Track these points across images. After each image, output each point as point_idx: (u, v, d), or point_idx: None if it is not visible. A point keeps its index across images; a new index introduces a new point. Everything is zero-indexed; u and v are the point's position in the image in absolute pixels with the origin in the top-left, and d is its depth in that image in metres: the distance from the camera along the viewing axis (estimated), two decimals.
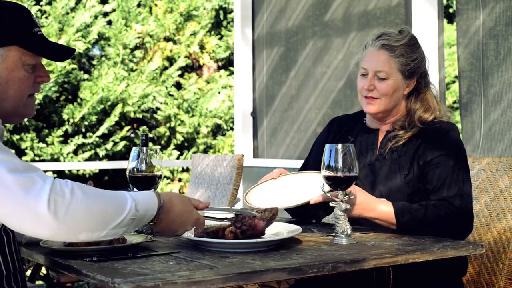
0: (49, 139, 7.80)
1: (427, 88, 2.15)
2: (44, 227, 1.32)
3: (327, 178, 1.71)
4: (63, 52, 1.66)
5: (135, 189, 1.86)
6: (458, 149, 2.03)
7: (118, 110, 8.16)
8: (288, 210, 2.23)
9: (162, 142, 8.85)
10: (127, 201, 1.41)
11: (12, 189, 1.31)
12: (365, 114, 2.22)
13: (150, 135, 8.77)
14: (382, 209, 1.89)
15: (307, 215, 2.20)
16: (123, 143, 8.31)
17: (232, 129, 9.24)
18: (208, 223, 1.77)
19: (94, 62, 8.46)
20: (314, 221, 2.25)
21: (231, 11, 9.62)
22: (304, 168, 2.31)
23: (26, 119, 7.55)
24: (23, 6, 1.61)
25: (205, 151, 9.08)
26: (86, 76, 8.28)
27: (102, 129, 8.07)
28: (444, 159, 1.98)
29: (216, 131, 9.41)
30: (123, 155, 8.31)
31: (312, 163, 2.26)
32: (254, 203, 2.00)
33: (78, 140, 7.90)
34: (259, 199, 2.02)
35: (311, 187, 1.94)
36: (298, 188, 2.00)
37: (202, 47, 9.45)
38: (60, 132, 7.85)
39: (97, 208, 1.36)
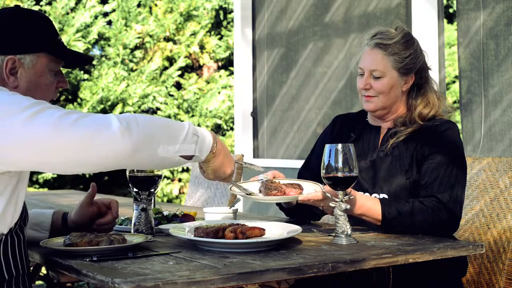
0: None
1: (427, 83, 2.14)
2: (124, 143, 1.37)
3: (327, 179, 1.71)
4: (82, 59, 1.78)
5: (135, 189, 1.86)
6: (455, 147, 2.03)
7: (118, 110, 8.16)
8: (284, 211, 2.23)
9: None
10: (183, 122, 1.53)
11: (82, 126, 1.34)
12: (367, 112, 2.23)
13: None
14: (370, 206, 1.89)
15: (303, 214, 2.20)
16: None
17: (232, 129, 9.24)
18: (209, 222, 1.77)
19: (94, 62, 8.46)
20: (311, 221, 2.24)
21: (231, 11, 9.62)
22: (306, 165, 2.31)
23: None
24: (46, 15, 1.69)
25: None
26: (86, 76, 8.28)
27: None
28: (439, 156, 1.98)
29: (216, 131, 9.41)
30: None
31: (315, 159, 2.26)
32: (238, 191, 1.98)
33: None
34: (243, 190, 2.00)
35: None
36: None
37: (202, 47, 9.45)
38: None
39: (161, 123, 1.47)
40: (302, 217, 2.21)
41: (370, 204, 1.89)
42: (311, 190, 1.91)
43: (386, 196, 2.02)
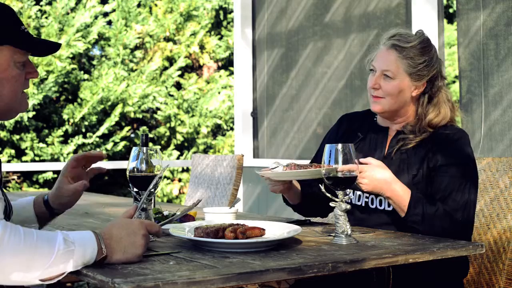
0: (49, 139, 7.80)
1: (439, 92, 2.12)
2: None
3: (327, 178, 1.71)
4: (49, 47, 1.68)
5: (135, 189, 1.86)
6: (468, 159, 2.02)
7: (118, 110, 8.16)
8: (294, 207, 2.23)
9: (162, 142, 8.85)
10: (57, 235, 1.36)
11: None
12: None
13: (150, 135, 8.77)
14: (400, 194, 1.91)
15: (311, 209, 2.21)
16: (123, 143, 8.32)
17: (232, 129, 9.24)
18: (209, 222, 1.77)
19: (94, 62, 8.47)
20: (320, 217, 2.26)
21: (231, 11, 9.62)
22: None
23: (26, 119, 7.55)
24: (8, 6, 1.62)
25: (205, 151, 9.08)
26: (86, 76, 8.28)
27: (102, 129, 8.07)
28: (453, 169, 1.97)
29: (216, 131, 9.41)
30: (123, 155, 8.31)
31: (320, 159, 2.27)
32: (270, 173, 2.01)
33: (78, 140, 7.90)
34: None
35: None
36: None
37: (202, 47, 9.45)
38: (60, 132, 7.85)
39: (25, 245, 1.30)
40: (310, 213, 2.23)
41: (401, 192, 1.91)
42: None
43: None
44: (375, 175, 1.88)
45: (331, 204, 1.73)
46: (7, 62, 1.56)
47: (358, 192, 2.10)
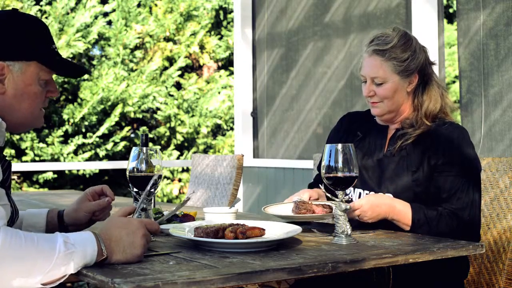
0: (49, 139, 7.80)
1: (430, 80, 2.13)
2: None
3: (327, 179, 1.71)
4: (75, 70, 1.72)
5: (135, 189, 1.86)
6: (470, 157, 2.02)
7: (118, 110, 8.16)
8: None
9: (162, 142, 8.85)
10: (56, 237, 1.35)
11: None
12: None
13: (150, 135, 8.77)
14: (400, 209, 1.93)
15: None
16: (123, 143, 8.32)
17: (232, 129, 9.24)
18: (209, 222, 1.77)
19: (94, 62, 8.46)
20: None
21: (231, 11, 9.62)
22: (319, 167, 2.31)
23: None
24: (42, 22, 1.64)
25: (205, 151, 9.08)
26: (86, 76, 8.28)
27: (102, 129, 8.07)
28: (456, 169, 1.98)
29: (216, 131, 9.41)
30: (123, 155, 8.31)
31: None
32: (272, 211, 2.02)
33: (78, 140, 7.91)
34: (277, 211, 2.03)
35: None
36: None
37: (202, 47, 9.45)
38: (60, 132, 7.85)
39: (26, 251, 1.30)
40: None
41: (402, 208, 1.93)
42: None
43: (391, 196, 2.02)
44: (373, 202, 1.90)
45: (331, 204, 1.74)
46: (32, 78, 1.58)
47: (359, 190, 2.11)
